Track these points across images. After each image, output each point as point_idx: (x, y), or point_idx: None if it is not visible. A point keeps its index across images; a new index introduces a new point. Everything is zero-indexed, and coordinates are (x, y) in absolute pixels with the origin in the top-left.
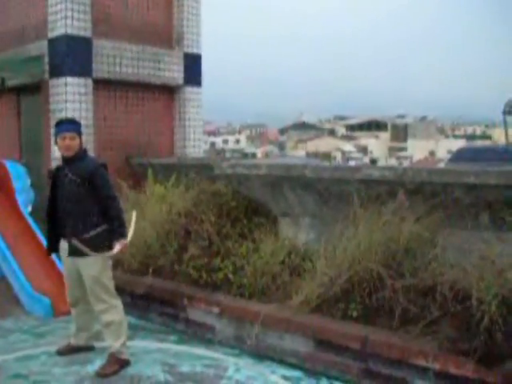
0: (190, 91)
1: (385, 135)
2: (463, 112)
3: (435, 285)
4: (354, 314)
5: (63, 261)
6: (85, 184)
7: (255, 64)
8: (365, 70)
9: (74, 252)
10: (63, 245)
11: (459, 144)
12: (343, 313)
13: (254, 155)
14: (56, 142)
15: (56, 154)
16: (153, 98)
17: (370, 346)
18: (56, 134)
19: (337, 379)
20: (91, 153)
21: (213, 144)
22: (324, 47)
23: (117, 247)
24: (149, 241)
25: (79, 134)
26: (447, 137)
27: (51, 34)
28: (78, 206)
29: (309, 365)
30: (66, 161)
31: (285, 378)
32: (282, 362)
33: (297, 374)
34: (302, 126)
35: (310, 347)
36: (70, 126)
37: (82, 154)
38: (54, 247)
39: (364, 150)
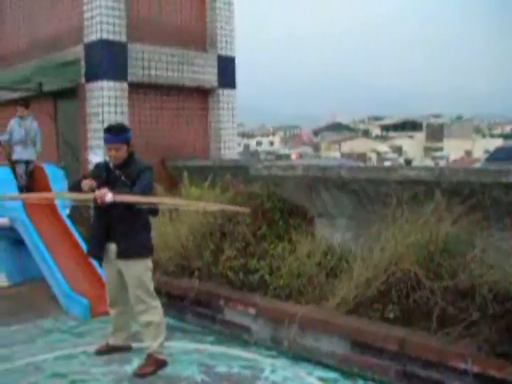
0: (224, 93)
1: (420, 135)
2: (500, 110)
3: (474, 286)
4: (391, 315)
5: (105, 261)
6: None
7: (288, 65)
8: (398, 67)
9: (121, 255)
10: (110, 247)
11: (496, 143)
12: (380, 314)
13: (287, 157)
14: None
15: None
16: (187, 100)
17: (408, 348)
18: (104, 142)
19: (374, 381)
20: None
21: (247, 146)
22: (355, 45)
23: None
24: (185, 243)
25: (126, 142)
26: (484, 136)
27: (87, 39)
28: (129, 209)
29: (345, 366)
30: (117, 165)
31: (321, 379)
32: (318, 363)
33: (333, 375)
34: (336, 127)
35: (347, 349)
36: (115, 137)
37: (130, 159)
38: (95, 252)
39: (399, 150)
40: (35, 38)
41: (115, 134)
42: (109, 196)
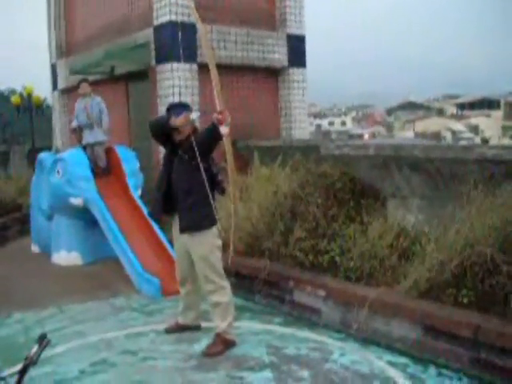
0: (294, 73)
1: (497, 114)
2: None
3: None
4: (466, 300)
5: (174, 239)
6: (193, 160)
7: (360, 44)
8: (476, 43)
9: (184, 229)
10: (176, 222)
11: None
12: (454, 299)
13: (360, 136)
14: None
15: None
16: (258, 80)
17: (482, 335)
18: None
19: (446, 368)
20: None
21: (318, 126)
22: (429, 21)
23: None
24: (255, 223)
25: None
26: None
27: (156, 22)
28: (189, 183)
29: (416, 351)
30: (180, 142)
31: (391, 363)
32: (388, 347)
33: (404, 360)
34: (410, 106)
35: (418, 333)
36: (180, 109)
37: (193, 133)
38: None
39: (475, 129)
40: (107, 22)
41: (181, 107)
42: (226, 130)
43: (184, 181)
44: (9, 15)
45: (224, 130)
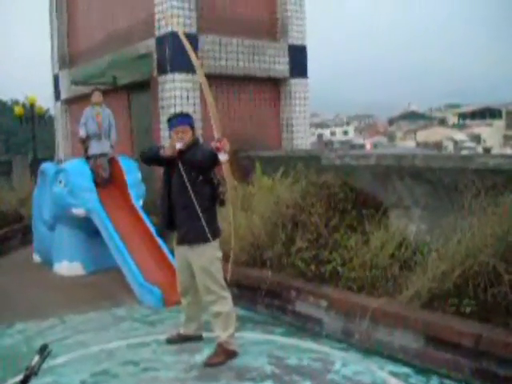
0: (295, 83)
1: (499, 123)
2: None
3: None
4: (468, 310)
5: (175, 250)
6: (192, 172)
7: (362, 54)
8: (477, 53)
9: (183, 241)
10: (175, 233)
11: None
12: (456, 309)
13: (362, 146)
14: (170, 137)
15: None
16: (259, 90)
17: (484, 345)
18: (169, 130)
19: (448, 377)
20: None
21: (320, 136)
22: (430, 31)
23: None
24: (257, 233)
25: (191, 127)
26: None
27: (159, 33)
28: (185, 196)
29: (418, 361)
30: (179, 153)
31: (393, 374)
32: (390, 357)
33: (406, 370)
34: (412, 116)
35: (421, 343)
36: (182, 120)
37: (194, 144)
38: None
39: (477, 139)
40: (109, 33)
41: (182, 117)
42: (225, 157)
43: (181, 193)
44: (8, 29)
45: (223, 156)
